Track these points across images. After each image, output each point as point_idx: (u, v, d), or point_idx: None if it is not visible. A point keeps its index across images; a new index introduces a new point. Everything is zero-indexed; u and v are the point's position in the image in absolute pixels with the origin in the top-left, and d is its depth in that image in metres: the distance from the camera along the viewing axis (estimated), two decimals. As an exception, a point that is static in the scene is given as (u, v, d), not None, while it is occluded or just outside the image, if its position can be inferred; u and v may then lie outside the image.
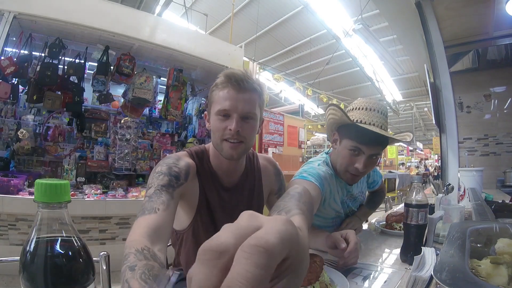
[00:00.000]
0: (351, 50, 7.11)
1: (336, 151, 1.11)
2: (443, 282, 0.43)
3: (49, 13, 2.46)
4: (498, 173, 3.19)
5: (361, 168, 1.02)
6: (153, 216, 0.67)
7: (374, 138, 1.00)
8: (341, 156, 1.08)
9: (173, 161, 0.84)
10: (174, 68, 3.41)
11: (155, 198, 0.72)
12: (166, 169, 0.80)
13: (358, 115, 1.06)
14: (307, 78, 8.22)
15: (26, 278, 0.38)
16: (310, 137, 7.53)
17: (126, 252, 0.58)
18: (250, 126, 0.86)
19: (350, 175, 1.08)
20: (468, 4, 2.65)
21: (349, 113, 1.09)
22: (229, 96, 0.82)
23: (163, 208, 0.70)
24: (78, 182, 2.82)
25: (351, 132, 1.03)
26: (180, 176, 0.81)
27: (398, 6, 3.23)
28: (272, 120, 5.28)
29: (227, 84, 0.83)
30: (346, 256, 0.80)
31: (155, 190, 0.74)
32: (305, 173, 1.02)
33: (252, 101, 0.85)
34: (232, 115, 0.83)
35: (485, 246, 0.66)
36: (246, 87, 0.83)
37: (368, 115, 1.04)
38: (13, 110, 2.65)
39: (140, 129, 3.34)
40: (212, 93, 0.87)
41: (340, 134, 1.09)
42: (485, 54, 3.77)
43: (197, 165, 0.91)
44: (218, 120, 0.84)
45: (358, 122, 1.03)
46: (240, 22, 6.88)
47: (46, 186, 0.39)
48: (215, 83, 0.86)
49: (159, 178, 0.78)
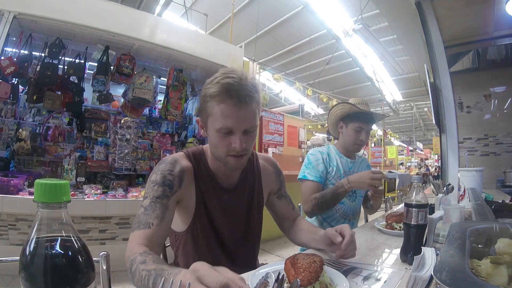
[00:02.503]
0: (351, 50, 7.12)
1: (343, 135, 1.60)
2: (443, 282, 0.43)
3: (49, 13, 2.46)
4: (498, 173, 3.19)
5: (364, 139, 1.55)
6: (148, 231, 0.74)
7: (370, 118, 1.57)
8: (348, 136, 1.57)
9: (168, 168, 0.84)
10: (174, 68, 3.41)
11: (150, 211, 0.77)
12: (160, 178, 0.82)
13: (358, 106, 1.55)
14: (307, 78, 8.22)
15: (26, 278, 0.38)
16: (310, 137, 7.53)
17: (131, 259, 0.66)
18: (253, 137, 0.84)
19: (357, 146, 1.58)
20: (468, 4, 2.64)
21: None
22: (230, 113, 0.77)
23: (157, 222, 0.76)
24: (78, 182, 2.82)
25: (355, 117, 1.54)
26: (173, 184, 0.83)
27: (398, 6, 3.23)
28: (272, 120, 5.27)
29: (225, 99, 0.76)
30: (343, 249, 0.80)
31: (150, 202, 0.79)
32: (306, 173, 1.53)
33: (253, 114, 0.81)
34: (235, 132, 0.79)
35: (485, 246, 0.66)
36: (246, 101, 0.78)
37: (362, 107, 1.54)
38: (13, 110, 2.65)
39: (140, 129, 3.34)
40: (207, 103, 0.80)
41: (345, 122, 1.58)
42: (485, 54, 3.77)
43: (194, 168, 0.90)
44: (220, 137, 0.81)
45: (361, 109, 1.52)
46: (240, 22, 6.87)
47: (46, 186, 0.39)
48: (209, 93, 0.79)
49: (154, 188, 0.81)
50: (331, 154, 1.60)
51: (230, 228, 0.94)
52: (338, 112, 1.59)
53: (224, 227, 0.93)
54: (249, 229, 0.99)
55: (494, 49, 3.68)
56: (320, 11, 5.98)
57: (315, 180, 1.50)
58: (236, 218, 0.96)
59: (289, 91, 8.73)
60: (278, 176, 1.09)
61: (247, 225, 0.99)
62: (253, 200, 1.00)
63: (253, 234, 1.01)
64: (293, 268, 0.64)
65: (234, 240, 0.95)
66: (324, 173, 1.53)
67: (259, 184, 1.02)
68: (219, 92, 0.77)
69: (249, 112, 0.79)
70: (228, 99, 0.76)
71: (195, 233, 0.91)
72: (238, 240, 0.96)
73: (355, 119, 1.54)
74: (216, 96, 0.77)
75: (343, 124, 1.60)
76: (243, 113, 0.78)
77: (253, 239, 1.02)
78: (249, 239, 1.00)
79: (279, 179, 1.09)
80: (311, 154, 1.59)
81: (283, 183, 1.10)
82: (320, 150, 1.61)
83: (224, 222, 0.93)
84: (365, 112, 1.54)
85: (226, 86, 0.76)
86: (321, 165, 1.53)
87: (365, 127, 1.54)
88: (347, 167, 1.60)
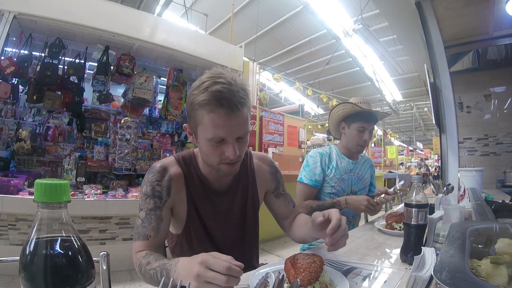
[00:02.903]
0: (351, 50, 7.13)
1: (346, 135, 1.58)
2: (443, 282, 0.43)
3: (49, 13, 2.46)
4: (498, 173, 3.19)
5: (367, 139, 1.52)
6: (147, 242, 0.81)
7: (373, 117, 1.56)
8: (351, 136, 1.55)
9: (156, 178, 0.85)
10: (174, 68, 3.41)
11: (147, 223, 0.82)
12: (150, 190, 0.84)
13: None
14: (307, 78, 8.23)
15: (26, 278, 0.38)
16: (310, 137, 7.53)
17: (138, 264, 0.77)
18: (245, 142, 0.82)
19: (360, 147, 1.56)
20: (468, 4, 2.64)
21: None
22: (221, 123, 0.73)
23: (154, 234, 0.82)
24: (78, 182, 2.82)
25: (358, 117, 1.52)
26: (162, 195, 0.84)
27: (398, 6, 3.23)
28: (272, 120, 5.28)
29: (215, 108, 0.72)
30: (330, 234, 0.72)
31: (145, 214, 0.83)
32: (302, 175, 1.55)
33: (245, 120, 0.77)
34: (227, 141, 0.76)
35: (485, 246, 0.66)
36: (238, 108, 0.73)
37: (364, 106, 1.52)
38: (13, 110, 2.65)
39: (140, 129, 3.34)
40: (195, 111, 0.75)
41: (347, 122, 1.57)
42: (485, 54, 3.77)
43: (185, 173, 0.88)
44: (212, 146, 0.77)
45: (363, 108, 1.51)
46: (240, 22, 6.88)
47: (46, 186, 0.39)
48: (197, 101, 0.74)
49: (146, 201, 0.84)
50: (332, 155, 1.60)
51: (224, 231, 0.93)
52: (340, 112, 1.58)
53: (217, 232, 0.92)
54: (244, 231, 0.98)
55: (494, 49, 3.68)
56: (320, 11, 5.98)
57: (309, 184, 1.52)
58: (230, 221, 0.94)
59: (289, 91, 8.74)
60: (275, 175, 1.05)
61: (242, 227, 0.97)
62: (247, 202, 0.98)
63: (249, 236, 0.99)
64: (293, 268, 0.64)
65: (230, 243, 0.94)
66: (321, 177, 1.53)
67: (253, 185, 0.99)
68: (208, 101, 0.72)
69: (241, 119, 0.75)
70: (218, 108, 0.72)
71: (189, 237, 0.91)
72: (234, 243, 0.95)
73: (357, 119, 1.52)
74: (206, 105, 0.72)
75: (345, 125, 1.58)
76: (235, 121, 0.74)
77: (250, 240, 1.00)
78: (245, 241, 0.98)
79: (276, 178, 1.05)
80: (310, 156, 1.59)
81: (280, 181, 1.07)
82: (320, 152, 1.60)
83: (218, 225, 0.92)
84: (368, 111, 1.52)
85: (216, 95, 0.71)
86: (318, 168, 1.53)
87: (368, 126, 1.53)
88: (348, 168, 1.59)
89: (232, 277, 0.56)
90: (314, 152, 1.60)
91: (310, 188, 1.52)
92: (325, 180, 1.55)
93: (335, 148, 1.64)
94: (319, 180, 1.53)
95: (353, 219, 1.63)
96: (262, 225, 1.07)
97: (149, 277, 0.73)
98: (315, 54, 8.17)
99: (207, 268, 0.57)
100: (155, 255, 0.75)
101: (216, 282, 0.56)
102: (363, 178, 1.65)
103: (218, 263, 0.57)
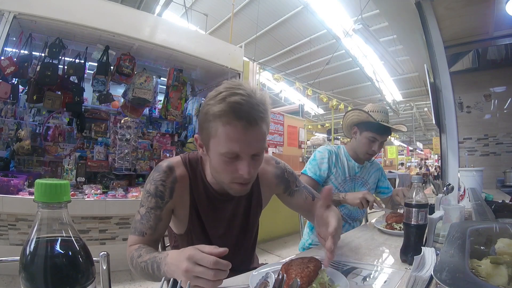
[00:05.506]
0: (351, 50, 7.13)
1: (356, 141, 1.55)
2: (443, 282, 0.43)
3: (49, 13, 2.46)
4: (498, 173, 3.19)
5: (377, 150, 1.51)
6: (142, 238, 0.82)
7: (387, 130, 1.50)
8: (361, 143, 1.52)
9: (161, 177, 0.83)
10: (174, 68, 3.41)
11: (145, 221, 0.82)
12: (153, 189, 0.83)
13: (375, 116, 1.49)
14: (307, 78, 8.23)
15: (26, 278, 0.38)
16: (310, 137, 7.53)
17: (130, 256, 0.78)
18: (260, 161, 0.76)
19: (369, 156, 1.54)
20: (468, 4, 2.64)
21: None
22: (237, 137, 0.68)
23: (150, 232, 0.82)
24: (78, 182, 2.82)
25: (371, 127, 1.48)
26: (164, 196, 0.83)
27: (398, 6, 3.23)
28: (272, 120, 5.27)
29: (232, 121, 0.67)
30: (325, 238, 0.74)
31: (145, 211, 0.83)
32: (307, 168, 1.55)
33: (263, 136, 0.72)
34: (242, 158, 0.71)
35: (485, 246, 0.66)
36: (257, 122, 0.68)
37: (380, 116, 1.49)
38: (13, 110, 2.65)
39: (140, 129, 3.34)
40: (210, 123, 0.70)
41: (359, 128, 1.54)
42: (485, 54, 3.77)
43: (190, 176, 0.86)
44: (224, 162, 0.72)
45: (378, 121, 1.47)
46: (240, 22, 6.88)
47: (46, 186, 0.39)
48: (212, 112, 0.68)
49: (148, 199, 0.83)
50: (340, 155, 1.58)
51: (226, 237, 0.91)
52: (354, 118, 1.55)
53: (218, 237, 0.90)
54: (245, 234, 0.97)
55: (494, 49, 3.68)
56: (320, 11, 5.99)
57: (313, 178, 1.51)
58: (232, 228, 0.93)
59: (289, 91, 8.75)
60: (282, 176, 1.00)
61: (243, 232, 0.96)
62: (251, 208, 0.95)
63: (248, 238, 0.98)
64: (286, 274, 0.64)
65: (230, 246, 0.93)
66: (325, 173, 1.52)
67: (257, 190, 0.96)
68: (225, 112, 0.67)
69: (259, 134, 0.70)
70: (235, 121, 0.67)
71: (190, 239, 0.90)
72: (234, 246, 0.94)
73: (370, 128, 1.49)
74: (222, 117, 0.67)
75: (357, 130, 1.56)
76: (252, 137, 0.69)
77: (249, 242, 1.00)
78: (244, 244, 0.98)
79: (283, 179, 1.00)
80: (319, 151, 1.58)
81: (290, 179, 1.01)
82: (329, 149, 1.58)
83: (219, 231, 0.91)
84: (381, 125, 1.46)
85: (234, 106, 0.66)
86: (324, 164, 1.52)
87: (380, 138, 1.49)
88: (353, 171, 1.58)
89: (219, 270, 0.58)
90: (323, 148, 1.59)
91: (312, 181, 1.50)
92: (329, 177, 1.53)
93: (343, 148, 1.62)
94: (323, 176, 1.52)
95: (353, 221, 1.62)
96: (262, 225, 1.06)
97: (140, 270, 0.73)
98: (315, 54, 8.16)
99: (195, 264, 0.58)
100: (147, 248, 0.77)
101: (205, 276, 0.58)
102: (367, 182, 1.63)
103: (205, 258, 0.58)
